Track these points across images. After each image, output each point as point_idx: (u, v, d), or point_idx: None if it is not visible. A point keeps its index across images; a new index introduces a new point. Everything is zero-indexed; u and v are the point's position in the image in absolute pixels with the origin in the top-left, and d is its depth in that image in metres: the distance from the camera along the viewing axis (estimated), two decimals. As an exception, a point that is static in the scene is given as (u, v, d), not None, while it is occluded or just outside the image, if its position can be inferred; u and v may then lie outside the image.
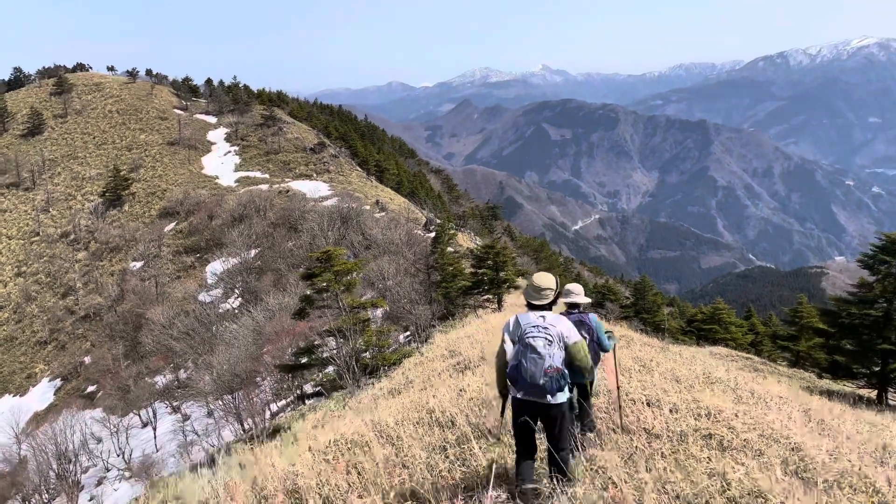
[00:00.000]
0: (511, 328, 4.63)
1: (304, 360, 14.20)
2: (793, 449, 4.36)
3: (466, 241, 47.24)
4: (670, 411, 5.40)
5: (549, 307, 4.67)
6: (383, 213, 50.54)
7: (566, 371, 4.40)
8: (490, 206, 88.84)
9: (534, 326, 4.45)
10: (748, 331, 30.54)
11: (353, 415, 7.50)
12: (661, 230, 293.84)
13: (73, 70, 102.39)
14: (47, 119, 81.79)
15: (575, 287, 5.99)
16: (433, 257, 28.21)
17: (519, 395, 4.49)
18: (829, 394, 14.82)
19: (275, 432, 12.15)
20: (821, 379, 18.46)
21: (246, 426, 29.10)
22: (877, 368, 15.97)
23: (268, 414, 29.93)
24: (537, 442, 4.67)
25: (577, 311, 5.87)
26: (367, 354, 13.51)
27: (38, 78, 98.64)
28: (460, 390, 6.80)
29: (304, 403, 15.08)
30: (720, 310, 29.00)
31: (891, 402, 16.19)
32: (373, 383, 11.93)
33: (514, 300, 26.59)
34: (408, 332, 27.50)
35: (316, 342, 14.28)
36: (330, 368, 14.84)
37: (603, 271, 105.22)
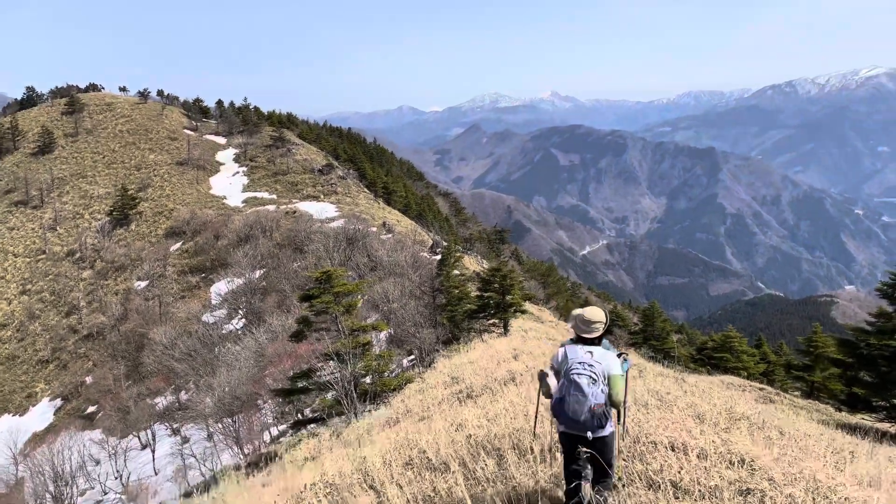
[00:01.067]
0: (559, 360, 4.72)
1: (301, 385, 13.71)
2: (844, 504, 3.82)
3: (473, 264, 46.78)
4: (698, 457, 4.75)
5: (598, 341, 4.72)
6: (390, 235, 50.24)
7: (609, 410, 4.47)
8: (497, 229, 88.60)
9: (580, 363, 4.52)
10: (760, 360, 29.81)
11: (341, 449, 6.97)
12: (670, 256, 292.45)
13: (86, 90, 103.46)
14: (58, 138, 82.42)
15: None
16: (438, 280, 27.76)
17: (562, 429, 4.57)
18: (847, 428, 14.19)
19: (268, 460, 11.62)
20: (839, 412, 17.77)
21: (246, 450, 28.60)
22: (896, 401, 15.36)
23: (268, 438, 29.39)
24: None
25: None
26: (368, 379, 13.01)
27: (50, 97, 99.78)
28: (458, 425, 6.26)
29: (304, 429, 14.55)
30: (731, 338, 28.34)
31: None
32: (370, 410, 11.42)
33: (521, 324, 26.00)
34: (412, 356, 26.98)
35: (313, 366, 13.77)
36: (330, 394, 14.34)
37: (611, 297, 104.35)
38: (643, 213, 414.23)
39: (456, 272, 29.73)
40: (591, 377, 4.42)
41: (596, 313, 4.75)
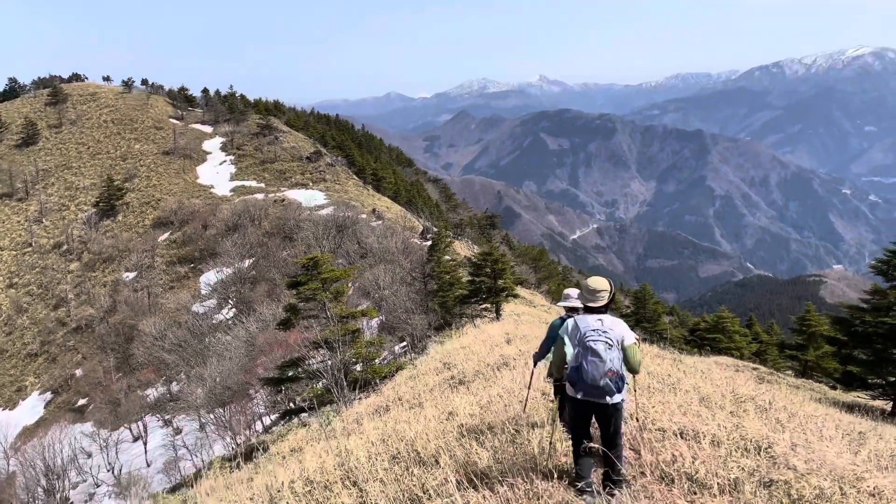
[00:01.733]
0: (570, 331, 4.71)
1: (290, 374, 13.43)
2: (873, 495, 3.57)
3: (464, 249, 46.57)
4: (712, 445, 4.41)
5: (605, 309, 4.76)
6: (380, 222, 49.87)
7: (624, 374, 4.51)
8: (488, 215, 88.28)
9: (593, 330, 4.55)
10: (752, 340, 29.82)
11: (326, 441, 6.68)
12: (659, 239, 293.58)
13: (69, 80, 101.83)
14: (42, 129, 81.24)
15: (572, 291, 5.93)
16: (430, 266, 27.49)
17: (578, 396, 4.57)
18: (844, 406, 14.11)
19: (255, 451, 11.35)
20: (834, 390, 17.74)
21: (239, 440, 28.42)
22: (892, 379, 15.28)
23: (260, 427, 29.17)
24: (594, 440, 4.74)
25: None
26: (358, 367, 12.76)
27: (33, 88, 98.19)
28: (450, 413, 5.99)
29: (295, 418, 14.30)
30: (724, 318, 28.30)
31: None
32: (361, 398, 11.17)
33: (513, 308, 25.80)
34: (404, 343, 26.78)
35: (303, 354, 13.50)
36: (321, 382, 14.08)
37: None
38: (633, 197, 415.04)
39: (447, 258, 29.46)
40: (606, 342, 4.48)
41: (600, 282, 4.81)
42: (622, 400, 4.55)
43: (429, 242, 35.96)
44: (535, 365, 5.96)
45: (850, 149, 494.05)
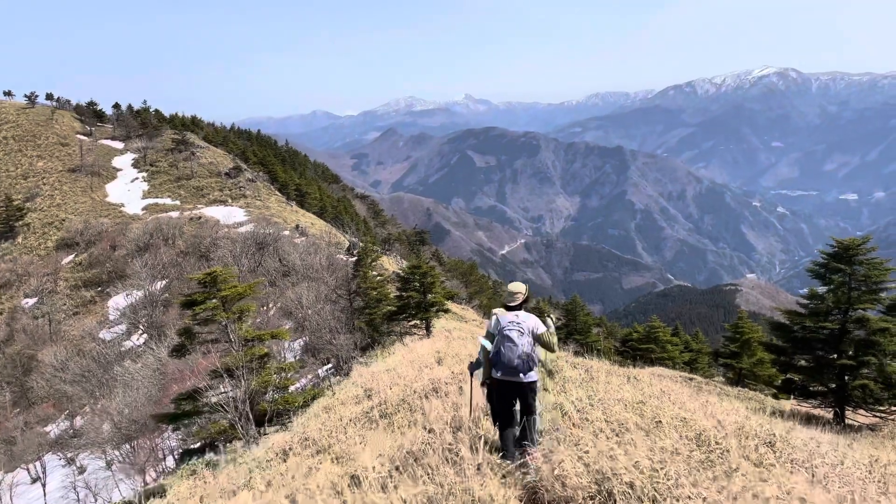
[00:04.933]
0: (492, 324, 5.70)
1: (188, 408, 11.59)
2: None
3: (392, 265, 45.06)
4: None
5: (520, 307, 5.80)
6: (303, 239, 47.71)
7: (535, 356, 5.42)
8: (418, 231, 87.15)
9: (509, 322, 5.54)
10: (683, 349, 29.68)
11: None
12: (584, 253, 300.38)
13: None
14: (-69, 146, 74.39)
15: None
16: (355, 282, 25.88)
17: (498, 376, 5.51)
18: (786, 415, 13.52)
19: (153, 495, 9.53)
20: (775, 399, 17.28)
21: (148, 478, 26.06)
22: (834, 385, 14.85)
23: (172, 463, 26.63)
24: (515, 415, 5.56)
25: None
26: (268, 396, 11.08)
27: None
28: (352, 478, 4.52)
29: (197, 457, 12.43)
30: (656, 328, 27.98)
31: (848, 420, 15.09)
32: (271, 433, 9.55)
33: (444, 324, 24.52)
34: (329, 365, 25.06)
35: (203, 385, 11.63)
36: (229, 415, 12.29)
37: (531, 294, 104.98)
38: (558, 212, 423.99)
39: (374, 273, 27.93)
40: (518, 331, 5.44)
41: (517, 286, 5.94)
42: (535, 380, 5.47)
43: (355, 258, 34.33)
44: (472, 375, 6.39)
45: (759, 163, 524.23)
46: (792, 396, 16.15)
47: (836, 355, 14.55)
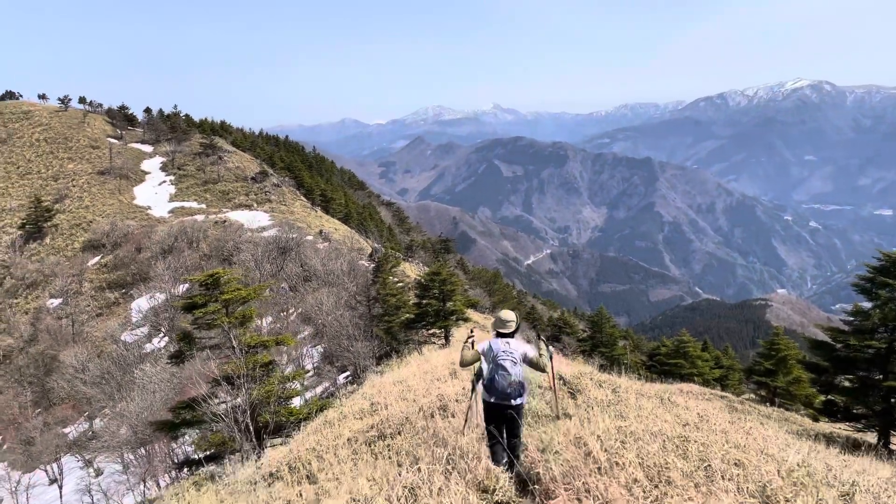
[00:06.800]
0: (485, 351, 5.91)
1: (186, 417, 11.03)
2: None
3: (414, 272, 44.44)
4: None
5: (512, 335, 6.02)
6: (326, 244, 47.39)
7: (525, 383, 5.78)
8: (442, 238, 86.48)
9: (503, 351, 5.77)
10: (714, 365, 28.48)
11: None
12: (611, 264, 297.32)
13: (2, 98, 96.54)
14: (-32, 148, 76.03)
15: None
16: (375, 287, 25.28)
17: (492, 400, 5.80)
18: (830, 441, 12.52)
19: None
20: (816, 422, 16.18)
21: (162, 482, 25.83)
22: (879, 408, 13.77)
23: (186, 470, 26.27)
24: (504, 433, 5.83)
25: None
26: (272, 407, 10.47)
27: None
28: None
29: (196, 470, 11.87)
30: (686, 343, 26.84)
31: (893, 445, 13.97)
32: (275, 445, 8.92)
33: (465, 333, 23.80)
34: (347, 373, 24.50)
35: (204, 394, 11.04)
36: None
37: (556, 305, 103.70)
38: (584, 223, 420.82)
39: (395, 279, 27.32)
40: (512, 360, 5.67)
41: (509, 314, 6.10)
42: (523, 402, 5.79)
43: (375, 264, 33.79)
44: (473, 389, 6.56)
45: (791, 177, 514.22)
46: (834, 419, 15.04)
47: (881, 376, 13.50)
